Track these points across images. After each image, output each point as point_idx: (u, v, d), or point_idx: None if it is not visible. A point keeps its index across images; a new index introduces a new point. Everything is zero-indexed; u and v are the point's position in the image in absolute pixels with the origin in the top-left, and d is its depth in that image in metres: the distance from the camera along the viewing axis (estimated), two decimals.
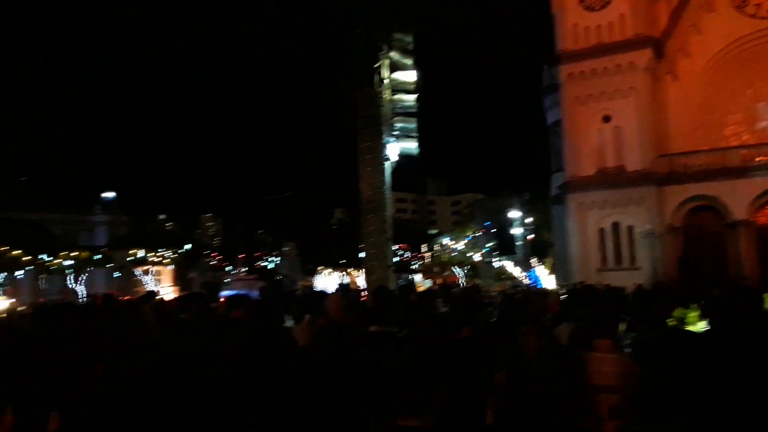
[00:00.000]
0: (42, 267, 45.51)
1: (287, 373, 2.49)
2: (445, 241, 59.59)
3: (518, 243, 48.84)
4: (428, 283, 44.60)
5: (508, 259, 50.64)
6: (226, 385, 3.38)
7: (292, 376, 3.42)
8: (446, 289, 20.07)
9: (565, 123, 31.44)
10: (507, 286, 33.86)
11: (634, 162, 29.49)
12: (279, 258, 61.58)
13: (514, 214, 48.39)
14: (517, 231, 48.49)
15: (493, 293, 22.13)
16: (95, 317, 5.23)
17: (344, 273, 56.38)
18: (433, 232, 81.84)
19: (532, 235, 49.77)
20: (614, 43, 29.88)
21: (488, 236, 54.42)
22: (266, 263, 61.30)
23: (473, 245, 54.97)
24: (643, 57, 29.56)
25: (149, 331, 6.61)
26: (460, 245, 56.10)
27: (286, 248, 61.30)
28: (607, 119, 30.36)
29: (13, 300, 30.79)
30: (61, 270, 46.39)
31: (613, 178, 29.77)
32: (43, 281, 46.96)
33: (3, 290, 40.98)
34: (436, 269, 57.23)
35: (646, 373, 3.49)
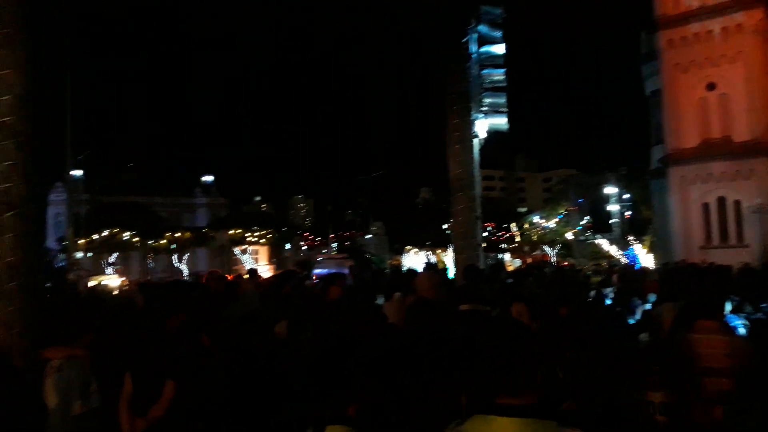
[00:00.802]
0: (149, 247, 48.75)
1: (378, 348, 2.54)
2: (536, 219, 58.10)
3: (614, 220, 46.77)
4: (517, 263, 43.82)
5: (603, 238, 48.71)
6: (321, 358, 3.49)
7: (384, 351, 3.47)
8: (538, 268, 19.65)
9: (666, 92, 29.61)
10: (602, 266, 32.67)
11: (741, 132, 27.38)
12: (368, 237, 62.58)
13: (609, 189, 46.29)
14: (613, 208, 46.43)
15: (587, 272, 21.46)
16: (201, 293, 5.55)
17: (430, 252, 56.45)
18: (523, 210, 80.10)
19: (630, 212, 47.54)
20: (720, 4, 27.69)
21: (582, 213, 52.49)
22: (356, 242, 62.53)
23: (565, 223, 53.26)
24: (753, 18, 27.21)
25: (251, 304, 6.93)
26: (552, 223, 54.52)
27: (374, 228, 62.11)
28: (711, 87, 28.31)
29: (124, 278, 33.27)
30: (167, 250, 49.50)
31: (718, 150, 27.80)
32: (151, 261, 50.34)
33: (115, 269, 44.34)
34: (525, 248, 56.04)
35: (760, 355, 3.27)
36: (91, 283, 23.14)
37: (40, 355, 3.98)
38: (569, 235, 52.38)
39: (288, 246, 57.38)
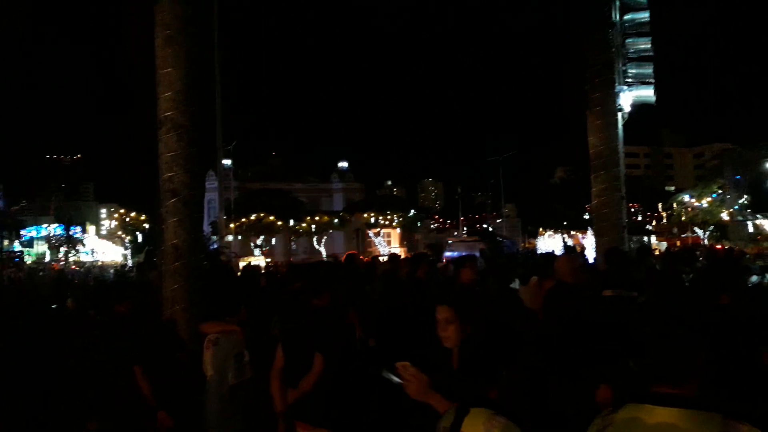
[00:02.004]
0: (291, 230, 51.67)
1: (515, 333, 2.48)
2: (686, 198, 53.64)
3: None
4: (663, 246, 40.85)
5: (764, 218, 43.88)
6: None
7: (528, 336, 3.39)
8: (689, 252, 18.17)
9: None
10: (764, 248, 29.51)
11: None
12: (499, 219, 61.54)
13: None
14: None
15: (746, 256, 19.51)
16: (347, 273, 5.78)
17: (566, 235, 54.25)
18: (671, 188, 74.30)
19: None
20: None
21: (739, 192, 47.61)
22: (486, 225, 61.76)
23: (720, 202, 48.66)
24: None
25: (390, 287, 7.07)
26: (704, 203, 50.05)
27: (506, 210, 60.89)
28: None
29: (269, 260, 35.55)
30: (307, 233, 52.19)
31: None
32: (293, 243, 53.38)
33: (261, 251, 47.56)
34: (674, 230, 52.04)
35: None
36: (240, 264, 25.00)
37: (199, 330, 4.37)
38: (724, 216, 47.79)
39: (419, 229, 58.05)
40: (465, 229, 59.18)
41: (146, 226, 51.66)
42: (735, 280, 3.79)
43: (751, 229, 44.51)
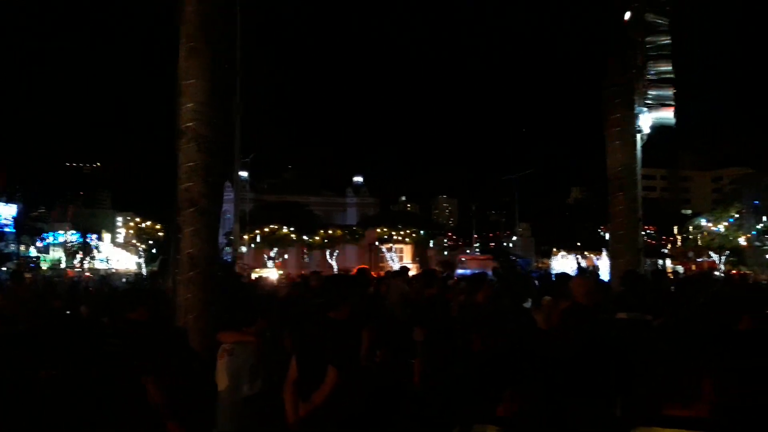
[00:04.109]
0: (305, 243, 51.84)
1: (529, 354, 2.48)
2: (702, 222, 53.08)
3: None
4: (679, 269, 40.35)
5: None
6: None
7: (536, 357, 3.37)
8: (705, 276, 17.94)
9: None
10: None
11: None
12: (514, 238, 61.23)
13: None
14: None
15: (764, 281, 19.24)
16: (357, 287, 5.78)
17: (580, 256, 53.83)
18: (688, 212, 73.55)
19: None
20: None
21: (757, 216, 47.00)
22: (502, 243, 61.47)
23: (738, 227, 48.07)
24: None
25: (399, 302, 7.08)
26: (721, 227, 49.47)
27: (520, 229, 60.59)
28: None
29: (281, 272, 35.58)
30: (320, 246, 52.31)
31: None
32: (306, 256, 53.49)
33: (274, 263, 47.73)
34: (689, 254, 51.45)
35: None
36: (253, 275, 25.05)
37: (214, 339, 4.38)
38: (742, 241, 47.19)
39: (432, 245, 57.92)
40: (478, 246, 58.89)
41: (161, 235, 52.10)
42: (756, 305, 3.75)
43: None
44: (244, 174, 36.74)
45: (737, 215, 48.85)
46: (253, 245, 46.91)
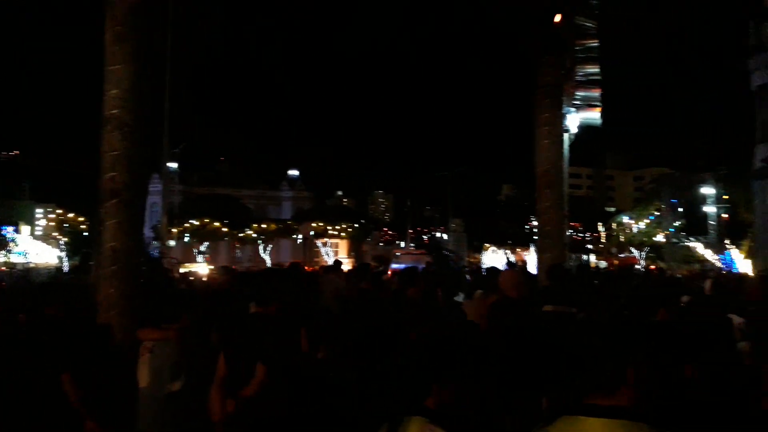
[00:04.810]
0: (237, 237, 50.80)
1: (458, 346, 2.51)
2: (625, 219, 55.70)
3: (710, 223, 44.02)
4: (602, 264, 42.18)
5: (697, 241, 46.00)
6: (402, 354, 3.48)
7: (466, 347, 3.43)
8: (626, 271, 18.82)
9: None
10: (695, 270, 30.90)
11: None
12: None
13: (707, 190, 43.55)
14: (709, 209, 43.70)
15: (678, 276, 20.37)
16: (288, 282, 5.71)
17: (509, 251, 55.43)
18: (611, 209, 77.02)
19: (727, 215, 44.59)
20: None
21: (675, 215, 49.77)
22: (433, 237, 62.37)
23: (657, 224, 50.72)
24: None
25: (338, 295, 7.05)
26: (642, 224, 52.08)
27: (453, 225, 61.69)
28: None
29: (212, 266, 34.72)
30: (253, 240, 51.41)
31: None
32: (238, 250, 52.45)
33: (204, 258, 46.53)
34: (612, 250, 53.90)
35: None
36: (181, 270, 24.34)
37: (135, 336, 4.22)
38: (660, 238, 49.85)
39: (367, 240, 58.09)
40: (413, 241, 59.53)
41: (84, 227, 49.83)
42: (671, 297, 3.96)
43: (684, 249, 46.56)
44: (173, 165, 35.66)
45: (657, 213, 51.54)
46: (182, 239, 45.58)
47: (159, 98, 18.30)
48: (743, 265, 35.91)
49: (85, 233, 47.14)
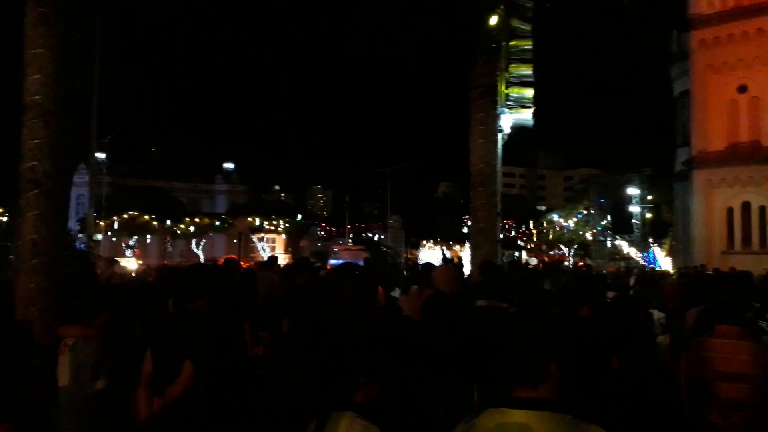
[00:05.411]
0: (168, 232, 49.28)
1: (386, 341, 2.54)
2: (555, 218, 57.66)
3: (635, 222, 46.21)
4: (533, 261, 43.51)
5: (622, 239, 48.18)
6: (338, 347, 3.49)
7: (396, 341, 3.47)
8: (555, 268, 19.45)
9: (695, 93, 29.11)
10: (620, 267, 32.35)
11: None
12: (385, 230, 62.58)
13: (632, 191, 45.69)
14: (634, 209, 45.86)
15: (604, 272, 21.25)
16: (220, 278, 5.59)
17: (446, 247, 56.36)
18: (542, 208, 79.49)
19: (651, 214, 46.94)
20: (756, 4, 27.08)
21: (602, 214, 51.94)
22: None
23: (585, 223, 52.77)
24: None
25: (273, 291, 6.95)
26: (571, 223, 54.08)
27: (392, 221, 62.07)
28: (743, 89, 27.76)
29: (141, 262, 33.59)
30: (185, 235, 50.00)
31: (746, 154, 27.30)
32: (169, 245, 50.91)
33: (133, 252, 44.90)
34: (543, 247, 55.69)
35: None
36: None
37: (56, 333, 4.03)
38: (588, 236, 51.89)
39: (305, 236, 57.61)
40: (351, 237, 59.48)
41: (4, 219, 47.07)
42: (595, 294, 4.12)
43: (610, 247, 48.63)
44: (101, 155, 34.21)
45: (585, 212, 53.59)
46: (110, 233, 43.82)
47: (87, 85, 17.56)
48: (665, 262, 37.88)
49: (4, 225, 44.57)
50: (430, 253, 53.56)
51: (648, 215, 46.06)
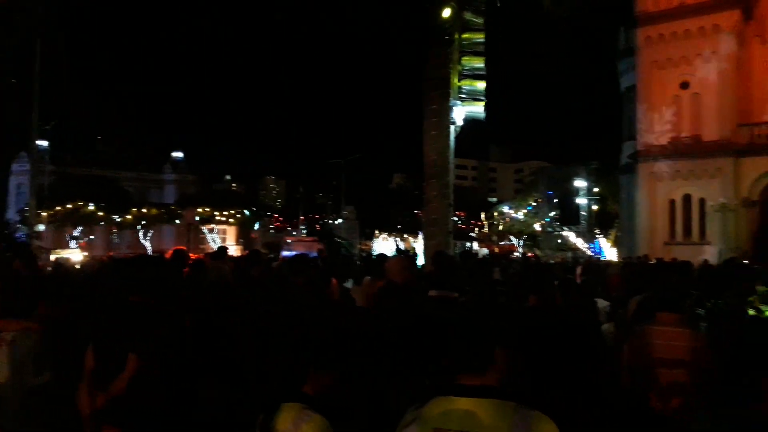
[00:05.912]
0: (114, 222, 47.87)
1: (339, 329, 2.54)
2: (505, 209, 58.73)
3: (582, 214, 47.52)
4: (484, 251, 44.25)
5: (570, 230, 49.49)
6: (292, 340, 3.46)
7: (345, 332, 3.48)
8: (504, 257, 19.81)
9: (640, 89, 30.04)
10: (567, 257, 33.21)
11: (711, 131, 27.96)
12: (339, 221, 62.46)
13: (579, 183, 46.94)
14: (581, 201, 47.14)
15: (551, 262, 21.77)
16: (167, 270, 5.45)
17: (399, 238, 56.70)
18: (493, 200, 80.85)
19: (598, 206, 48.35)
20: (699, 3, 28.08)
21: (550, 206, 53.19)
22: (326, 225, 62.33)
23: (534, 214, 53.95)
24: (730, 19, 27.68)
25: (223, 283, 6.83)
26: (520, 214, 55.18)
27: (346, 212, 61.98)
28: (685, 85, 28.82)
29: (86, 253, 32.52)
30: (132, 226, 48.66)
31: (687, 148, 28.39)
32: (115, 236, 49.46)
33: (78, 243, 43.43)
34: (493, 238, 56.66)
35: (723, 349, 3.34)
36: (52, 257, 22.56)
37: None
38: (537, 227, 53.07)
39: (257, 226, 56.91)
40: (305, 228, 59.08)
41: None
42: (543, 284, 4.20)
43: (558, 239, 49.88)
44: (43, 143, 32.86)
45: (534, 204, 54.76)
46: (53, 223, 42.23)
47: (28, 70, 16.79)
48: (610, 252, 39.10)
49: None
50: (384, 244, 53.78)
51: (594, 207, 47.43)
